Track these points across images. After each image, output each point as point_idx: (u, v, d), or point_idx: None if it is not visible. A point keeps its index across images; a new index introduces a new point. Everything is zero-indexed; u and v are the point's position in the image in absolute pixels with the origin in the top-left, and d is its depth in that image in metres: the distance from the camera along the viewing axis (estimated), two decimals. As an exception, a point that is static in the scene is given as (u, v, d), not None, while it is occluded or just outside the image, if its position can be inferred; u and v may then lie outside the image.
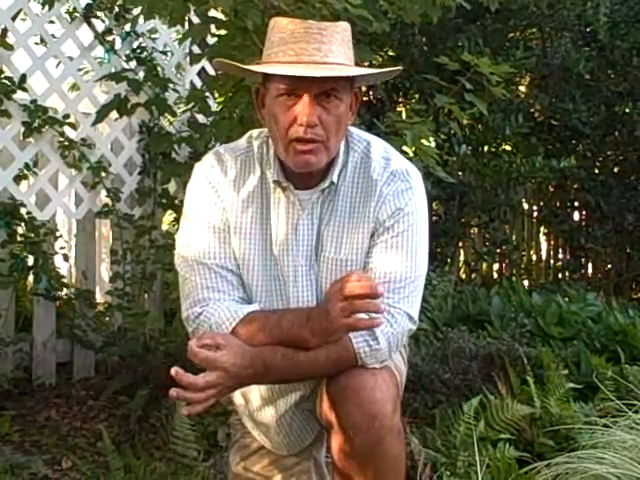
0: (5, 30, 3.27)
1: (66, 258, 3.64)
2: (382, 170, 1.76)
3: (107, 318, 3.56)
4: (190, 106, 3.43)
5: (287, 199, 1.75)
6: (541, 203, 6.25)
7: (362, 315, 1.56)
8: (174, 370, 1.53)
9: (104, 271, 4.55)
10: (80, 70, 3.81)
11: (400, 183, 1.75)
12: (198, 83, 3.89)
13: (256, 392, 1.83)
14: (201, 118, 3.54)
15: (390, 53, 4.70)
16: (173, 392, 1.53)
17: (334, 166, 1.75)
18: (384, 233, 1.74)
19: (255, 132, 1.85)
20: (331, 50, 1.64)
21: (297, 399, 1.83)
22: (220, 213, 1.76)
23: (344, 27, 1.70)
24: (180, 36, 3.18)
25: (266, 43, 1.72)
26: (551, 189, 6.11)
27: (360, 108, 1.83)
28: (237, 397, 1.88)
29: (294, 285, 1.75)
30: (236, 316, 1.68)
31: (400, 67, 1.80)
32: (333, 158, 1.75)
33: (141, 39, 3.72)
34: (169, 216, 4.16)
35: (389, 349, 1.69)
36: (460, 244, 5.47)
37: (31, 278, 3.50)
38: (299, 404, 1.84)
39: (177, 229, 1.91)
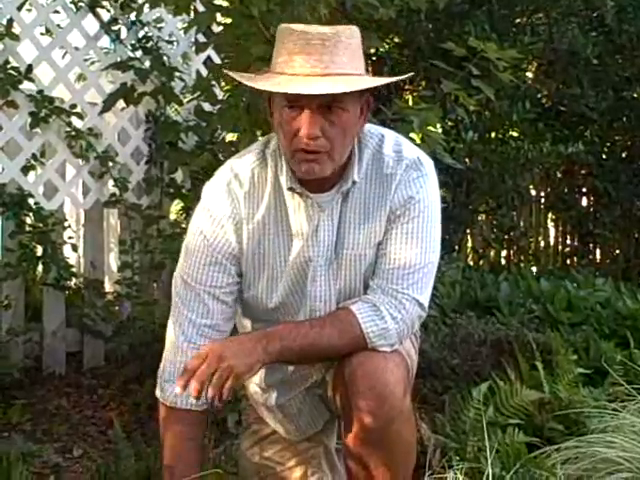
0: (11, 20, 3.26)
1: (74, 248, 3.65)
2: (395, 164, 1.75)
3: (116, 307, 3.57)
4: (196, 95, 3.43)
5: (305, 203, 1.74)
6: (549, 189, 6.23)
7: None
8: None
9: (112, 261, 4.56)
10: (86, 60, 3.81)
11: (412, 172, 1.75)
12: (204, 72, 3.88)
13: (268, 377, 1.84)
14: (207, 107, 3.54)
15: (396, 40, 4.68)
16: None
17: (352, 166, 1.73)
18: (396, 220, 1.74)
19: (270, 142, 1.82)
20: (333, 61, 1.59)
21: (308, 385, 1.84)
22: (232, 243, 1.76)
23: (349, 34, 1.64)
24: (186, 25, 3.17)
25: (274, 50, 1.70)
26: (559, 175, 6.08)
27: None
28: (248, 383, 1.89)
29: (312, 284, 1.76)
30: None
31: (408, 75, 1.79)
32: (349, 158, 1.74)
33: (147, 28, 3.71)
34: (176, 205, 4.16)
35: (398, 333, 1.70)
36: (468, 230, 5.46)
37: (40, 268, 3.52)
38: (310, 389, 1.85)
39: (185, 218, 1.91)
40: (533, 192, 6.11)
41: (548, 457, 2.32)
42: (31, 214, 3.29)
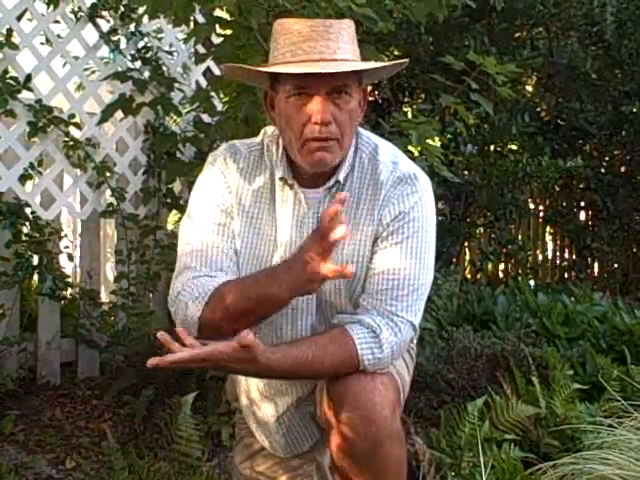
0: (10, 30, 3.26)
1: (71, 258, 3.63)
2: (389, 173, 1.74)
3: (112, 318, 3.56)
4: (195, 106, 3.43)
5: (294, 197, 1.75)
6: (547, 203, 6.24)
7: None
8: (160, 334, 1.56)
9: (109, 271, 4.55)
10: (85, 70, 3.81)
11: (406, 186, 1.73)
12: (203, 83, 3.88)
13: (256, 390, 1.82)
14: (206, 118, 3.54)
15: (396, 53, 4.69)
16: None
17: (341, 166, 1.74)
18: (388, 237, 1.72)
19: (269, 129, 1.85)
20: (339, 47, 1.63)
21: (296, 399, 1.82)
22: (227, 199, 1.77)
23: (349, 24, 1.70)
24: (186, 36, 3.18)
25: (271, 45, 1.72)
26: (557, 189, 6.09)
27: (366, 108, 1.82)
28: (241, 395, 1.88)
29: None
30: (210, 286, 1.67)
31: (406, 60, 1.77)
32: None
33: (146, 39, 3.72)
34: (174, 216, 4.15)
35: (391, 357, 1.68)
36: (466, 244, 5.47)
37: (36, 278, 3.51)
38: (299, 405, 1.83)
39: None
40: (531, 206, 6.12)
41: (544, 474, 2.30)
42: (28, 223, 3.28)
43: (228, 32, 2.79)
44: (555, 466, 2.30)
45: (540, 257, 6.33)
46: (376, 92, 4.73)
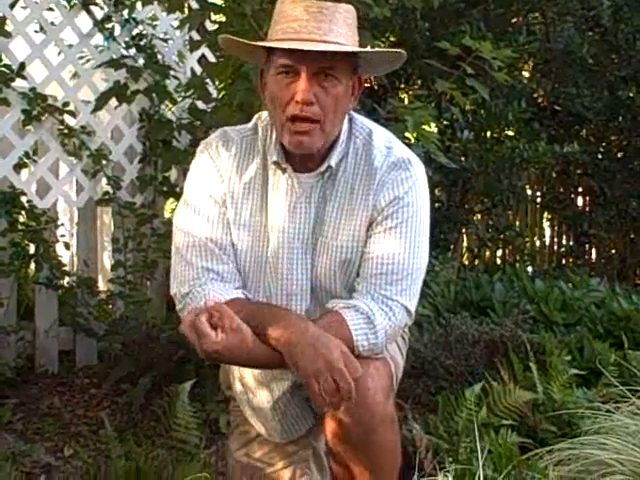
0: (3, 18, 3.24)
1: (67, 246, 3.63)
2: (383, 158, 1.74)
3: (109, 306, 3.56)
4: (190, 93, 3.41)
5: (286, 181, 1.75)
6: (544, 189, 6.22)
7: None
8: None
9: (106, 259, 4.55)
10: (80, 58, 3.79)
11: (401, 172, 1.74)
12: (198, 70, 3.87)
13: (251, 376, 1.82)
14: (201, 105, 3.52)
15: (392, 39, 4.67)
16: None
17: (334, 150, 1.74)
18: (382, 222, 1.72)
19: (264, 114, 1.85)
20: (331, 29, 1.63)
21: (291, 384, 1.82)
22: (220, 188, 1.77)
23: (347, 9, 1.69)
24: (180, 23, 3.16)
25: (271, 24, 1.72)
26: (554, 175, 6.07)
27: (362, 94, 1.81)
28: (235, 383, 1.88)
29: (288, 267, 1.75)
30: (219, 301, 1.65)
31: (401, 51, 1.74)
32: (334, 142, 1.73)
33: (141, 26, 3.69)
34: (170, 204, 4.14)
35: (385, 342, 1.68)
36: (463, 230, 5.45)
37: (33, 266, 3.50)
38: (294, 390, 1.83)
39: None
40: (529, 192, 6.10)
41: (541, 459, 2.31)
42: (23, 212, 3.27)
43: (222, 18, 2.78)
44: (552, 451, 2.31)
45: (538, 243, 6.31)
46: (372, 78, 4.71)
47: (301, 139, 1.66)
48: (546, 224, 6.40)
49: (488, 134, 5.08)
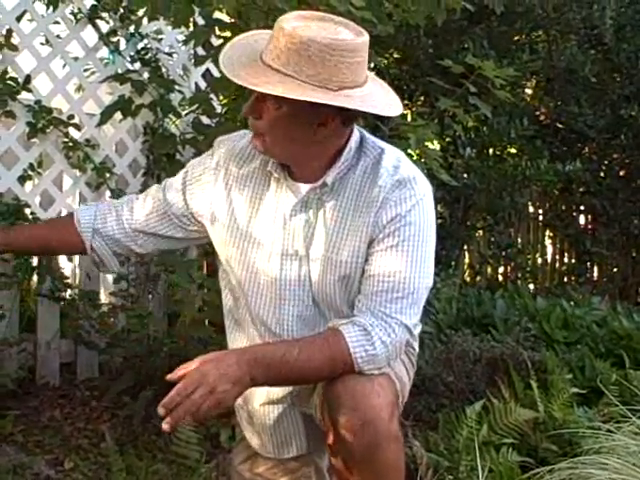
0: (10, 31, 3.26)
1: (70, 259, 3.64)
2: (389, 177, 1.74)
3: (111, 319, 3.55)
4: (194, 107, 3.43)
5: (280, 189, 1.78)
6: (546, 206, 6.23)
7: None
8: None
9: (108, 272, 4.54)
10: (85, 71, 3.81)
11: (404, 190, 1.73)
12: (203, 85, 3.89)
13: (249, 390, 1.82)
14: (205, 120, 3.54)
15: (395, 55, 4.69)
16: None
17: (332, 168, 1.74)
18: (384, 240, 1.71)
19: None
20: (279, 57, 1.59)
21: (287, 395, 1.82)
22: (206, 175, 1.86)
23: (314, 43, 1.57)
24: (185, 37, 3.18)
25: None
26: (556, 192, 6.08)
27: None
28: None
29: (282, 275, 1.76)
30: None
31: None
32: (335, 159, 1.74)
33: (146, 40, 3.72)
34: (173, 217, 4.15)
35: (387, 357, 1.68)
36: (465, 247, 5.46)
37: (35, 278, 3.51)
38: (293, 404, 1.83)
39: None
40: (531, 209, 6.12)
41: (541, 478, 2.30)
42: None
43: (228, 34, 2.79)
44: (553, 471, 2.30)
45: (539, 261, 6.32)
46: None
47: (254, 143, 1.73)
48: (548, 242, 6.40)
49: (490, 151, 5.10)
